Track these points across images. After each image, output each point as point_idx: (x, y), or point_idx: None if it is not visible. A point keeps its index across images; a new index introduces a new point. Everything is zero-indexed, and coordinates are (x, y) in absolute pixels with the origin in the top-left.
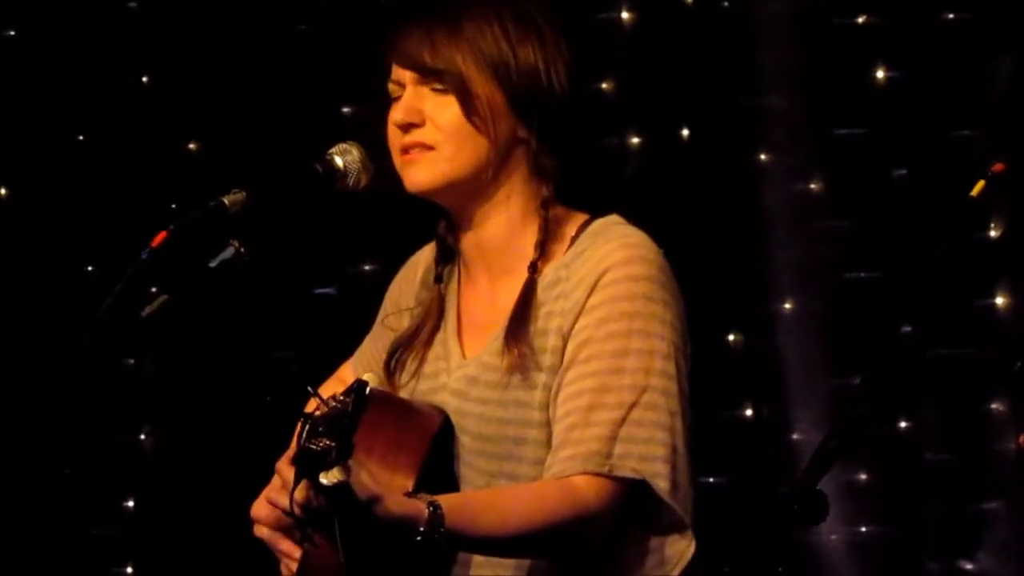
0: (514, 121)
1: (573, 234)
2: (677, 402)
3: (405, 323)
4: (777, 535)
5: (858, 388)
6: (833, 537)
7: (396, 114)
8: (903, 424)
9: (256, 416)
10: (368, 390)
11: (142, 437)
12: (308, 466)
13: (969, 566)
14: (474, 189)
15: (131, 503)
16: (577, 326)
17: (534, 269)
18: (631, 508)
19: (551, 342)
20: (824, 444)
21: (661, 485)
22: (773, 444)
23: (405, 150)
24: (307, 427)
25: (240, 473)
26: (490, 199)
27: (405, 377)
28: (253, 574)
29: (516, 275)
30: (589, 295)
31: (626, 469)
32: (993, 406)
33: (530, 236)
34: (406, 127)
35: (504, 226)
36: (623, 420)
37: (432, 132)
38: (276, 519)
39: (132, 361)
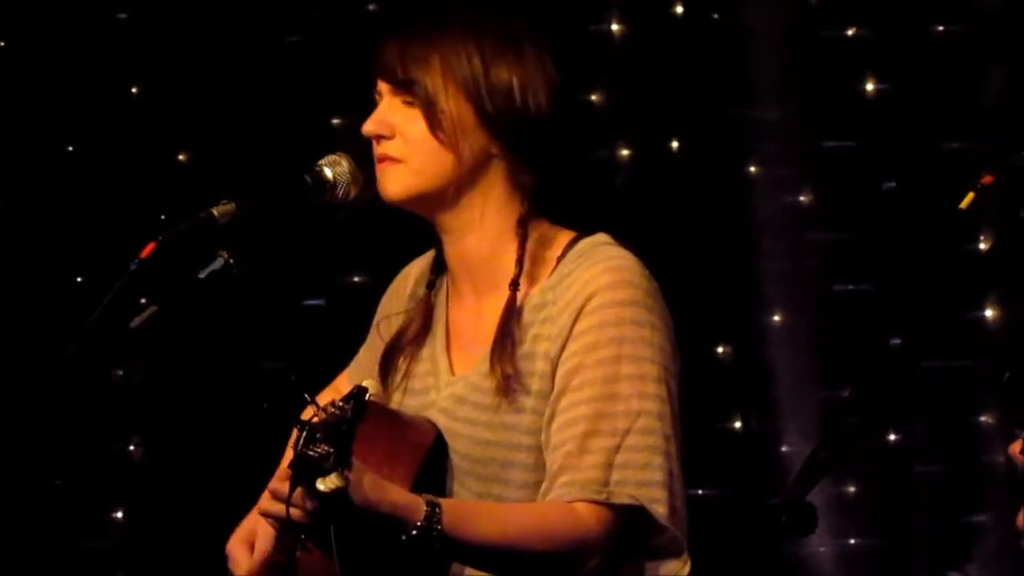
0: (486, 138)
1: (559, 254)
2: (671, 425)
3: (395, 330)
4: (766, 547)
5: (847, 400)
6: (822, 549)
7: (367, 125)
8: (892, 436)
9: (249, 424)
10: (367, 397)
11: (131, 448)
12: (305, 472)
13: None
14: (443, 202)
15: (120, 514)
16: (565, 352)
17: (515, 287)
18: (627, 531)
19: (539, 366)
20: (813, 456)
21: (659, 510)
22: (762, 456)
23: (379, 160)
24: (304, 433)
25: (231, 483)
26: (466, 213)
27: (395, 393)
28: None
29: (502, 291)
30: (576, 320)
31: (624, 496)
32: (982, 418)
33: (513, 252)
34: (376, 139)
35: (484, 241)
36: (619, 447)
37: (399, 145)
38: (251, 568)
39: (121, 372)
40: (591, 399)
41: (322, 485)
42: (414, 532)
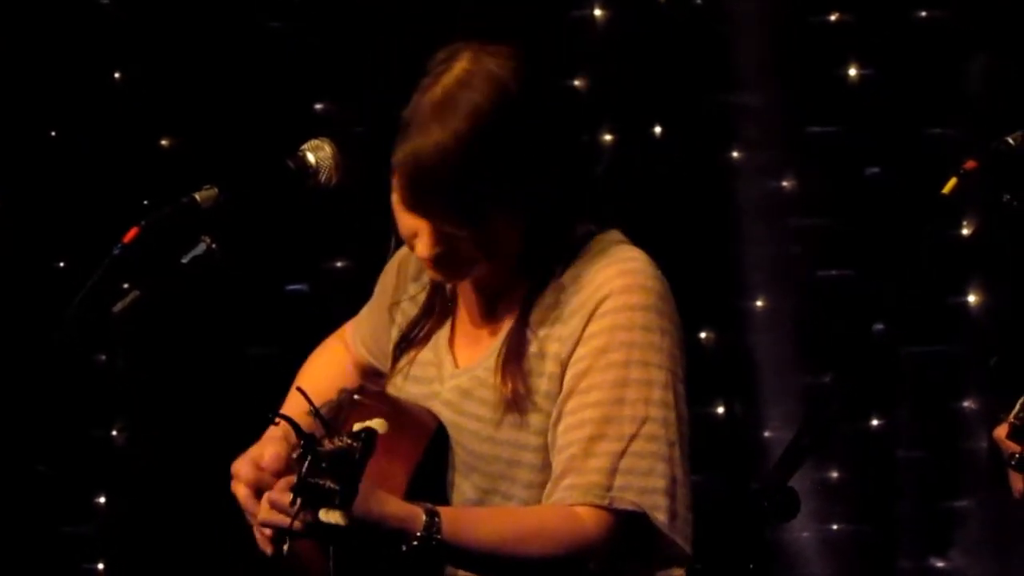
0: (520, 213)
1: (571, 250)
2: (676, 430)
3: (410, 301)
4: (748, 532)
5: (830, 385)
6: (805, 534)
7: (423, 251)
8: (875, 421)
9: (233, 410)
10: (376, 438)
11: (114, 433)
12: (310, 500)
13: (941, 564)
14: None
15: (103, 500)
16: (575, 355)
17: (527, 315)
18: (629, 537)
19: (548, 368)
20: (796, 441)
21: (660, 518)
22: (745, 441)
23: (430, 264)
24: (309, 459)
25: (212, 469)
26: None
27: (396, 376)
28: (226, 571)
29: (514, 291)
30: (587, 323)
31: (626, 502)
32: (965, 404)
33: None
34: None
35: (501, 266)
36: (624, 452)
37: (454, 259)
38: (256, 479)
39: (104, 357)
40: (598, 403)
41: (325, 517)
42: (414, 543)
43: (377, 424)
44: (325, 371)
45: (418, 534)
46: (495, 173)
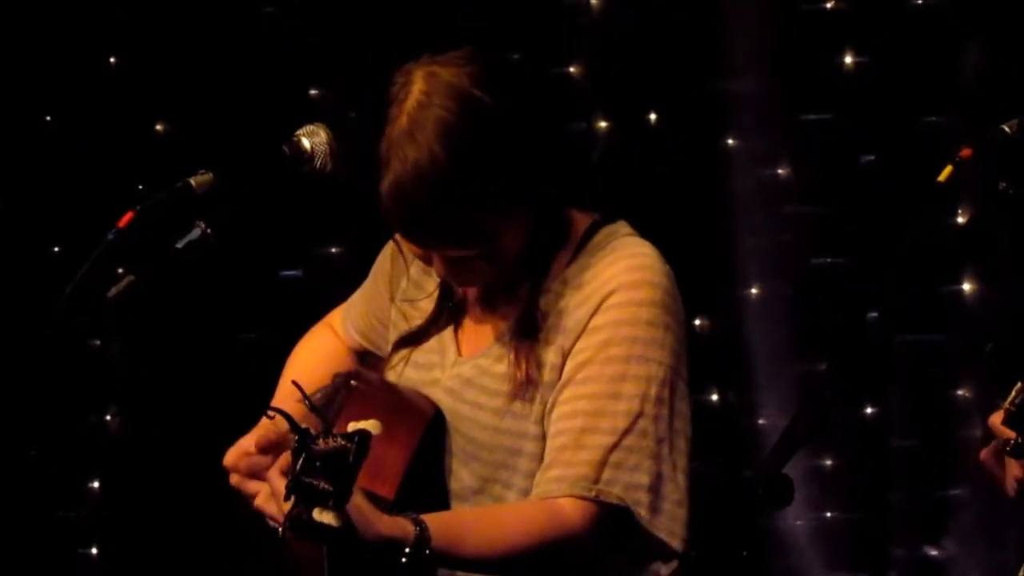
0: (520, 207)
1: (578, 241)
2: (668, 426)
3: (414, 299)
4: (742, 520)
5: (824, 373)
6: (798, 522)
7: (437, 274)
8: (869, 410)
9: (226, 396)
10: (370, 440)
11: (108, 418)
12: (304, 499)
13: (934, 552)
14: None
15: (96, 485)
16: (577, 346)
17: (533, 306)
18: (614, 529)
19: (551, 358)
20: (790, 429)
21: (641, 513)
22: (739, 429)
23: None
24: (303, 456)
25: (206, 454)
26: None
27: (398, 363)
28: (218, 556)
29: (520, 282)
30: (592, 315)
31: (612, 496)
32: (959, 392)
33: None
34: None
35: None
36: (614, 446)
37: (470, 274)
38: (248, 466)
39: (98, 342)
40: (593, 395)
41: (319, 516)
42: (404, 560)
43: (371, 426)
44: (317, 357)
45: (408, 551)
46: (482, 182)
